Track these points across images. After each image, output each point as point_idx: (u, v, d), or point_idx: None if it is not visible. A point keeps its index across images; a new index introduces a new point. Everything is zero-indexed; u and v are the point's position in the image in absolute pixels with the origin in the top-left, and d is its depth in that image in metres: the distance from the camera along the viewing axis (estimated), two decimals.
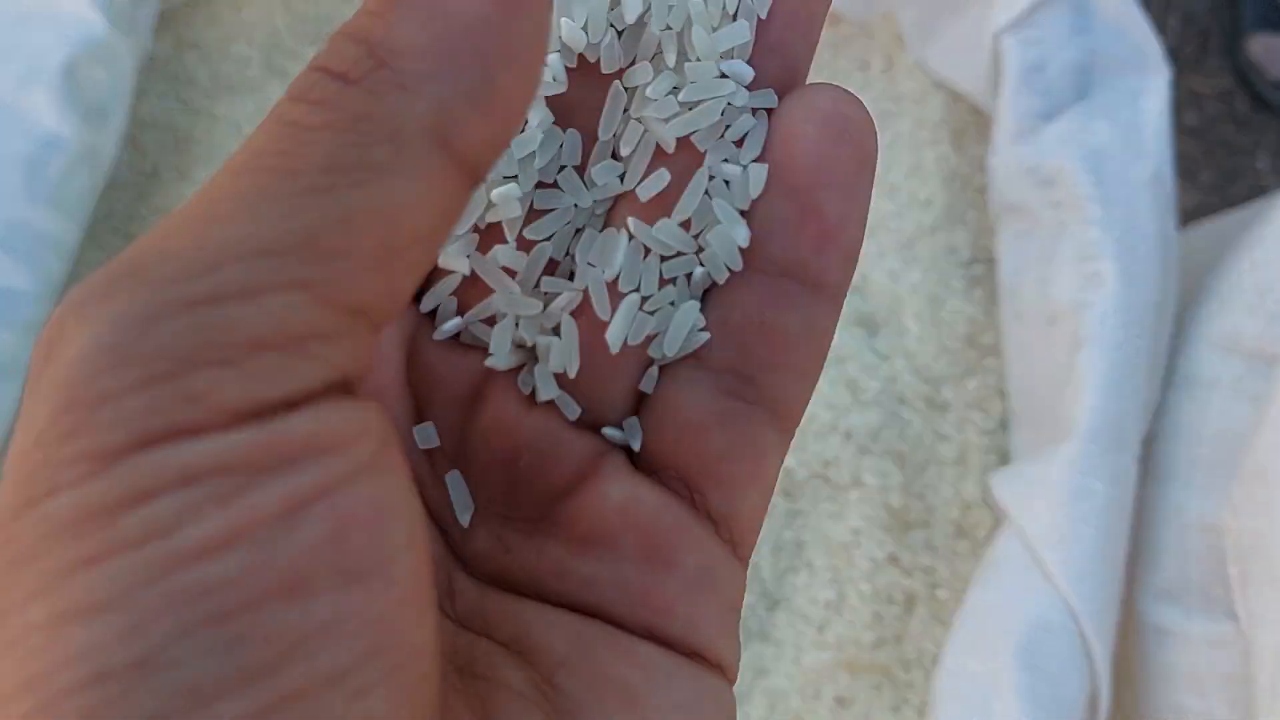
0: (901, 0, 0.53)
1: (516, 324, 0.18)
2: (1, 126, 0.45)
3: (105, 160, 0.49)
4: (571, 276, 0.19)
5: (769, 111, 0.18)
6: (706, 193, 0.18)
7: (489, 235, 0.19)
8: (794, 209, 0.17)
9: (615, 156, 0.19)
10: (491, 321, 0.19)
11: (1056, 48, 0.48)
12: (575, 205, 0.19)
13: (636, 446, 0.18)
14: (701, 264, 0.18)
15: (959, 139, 0.54)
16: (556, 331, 0.18)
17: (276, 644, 0.12)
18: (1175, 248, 0.47)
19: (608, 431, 0.18)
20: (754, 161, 0.18)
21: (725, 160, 0.18)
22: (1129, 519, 0.43)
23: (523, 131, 0.18)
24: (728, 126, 0.18)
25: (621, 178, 0.19)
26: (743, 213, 0.18)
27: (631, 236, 0.18)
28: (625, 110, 0.18)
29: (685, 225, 0.18)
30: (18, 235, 0.45)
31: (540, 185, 0.19)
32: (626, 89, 0.18)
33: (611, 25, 0.18)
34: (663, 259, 0.18)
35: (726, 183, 0.18)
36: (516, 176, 0.18)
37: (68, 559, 0.12)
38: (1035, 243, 0.48)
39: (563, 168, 0.18)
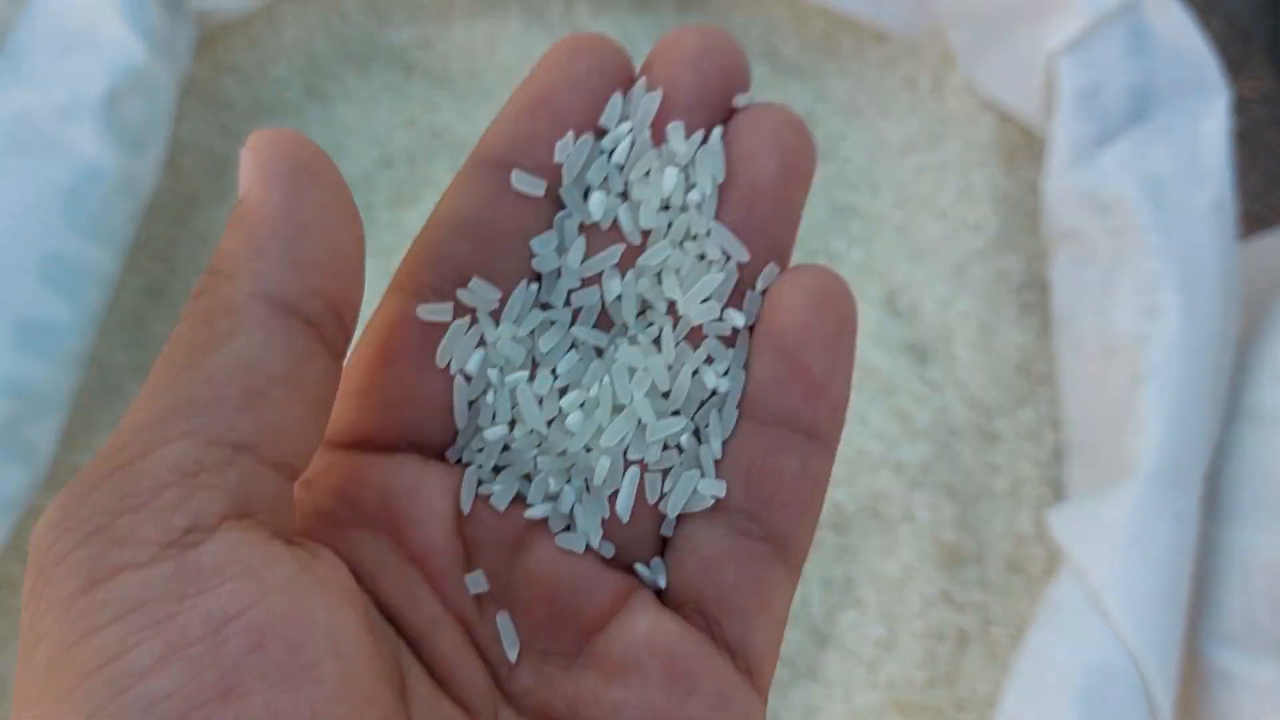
0: (952, 19, 0.51)
1: (549, 480, 0.21)
2: (43, 158, 0.45)
3: (145, 188, 0.48)
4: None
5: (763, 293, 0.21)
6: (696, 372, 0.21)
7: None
8: (784, 368, 0.20)
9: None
10: (529, 476, 0.21)
11: (1112, 70, 0.47)
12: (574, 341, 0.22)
13: (663, 584, 0.21)
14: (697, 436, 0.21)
15: (1009, 161, 0.53)
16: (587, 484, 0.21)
17: None
18: (1236, 276, 0.45)
19: (638, 569, 0.21)
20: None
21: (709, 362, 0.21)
22: (1191, 560, 0.42)
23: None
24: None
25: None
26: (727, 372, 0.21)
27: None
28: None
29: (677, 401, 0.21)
30: (59, 267, 0.45)
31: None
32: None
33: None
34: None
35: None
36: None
37: (52, 693, 0.15)
38: (1092, 271, 0.47)
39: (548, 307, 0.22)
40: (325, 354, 0.18)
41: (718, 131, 0.22)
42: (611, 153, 0.22)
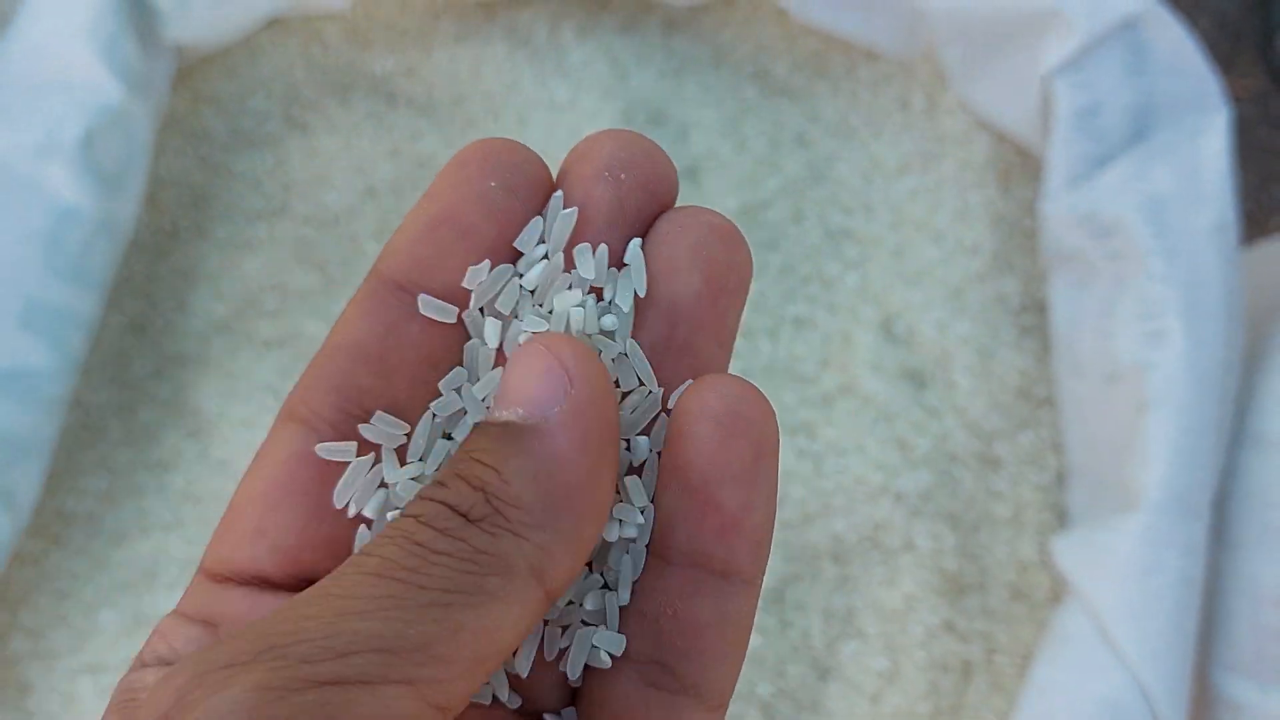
0: (945, 38, 0.51)
1: None
2: (20, 201, 0.44)
3: (124, 227, 0.47)
4: None
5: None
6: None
7: None
8: (693, 504, 0.18)
9: None
10: None
11: (1110, 90, 0.46)
12: None
13: None
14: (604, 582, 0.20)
15: (1005, 181, 0.52)
16: None
17: None
18: (1240, 299, 0.45)
19: (547, 718, 0.20)
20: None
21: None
22: (1200, 590, 0.41)
23: None
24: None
25: None
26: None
27: None
28: None
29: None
30: (38, 312, 0.44)
31: None
32: None
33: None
34: None
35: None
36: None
37: None
38: (1092, 294, 0.46)
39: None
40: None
41: (636, 245, 0.20)
42: (524, 276, 0.20)
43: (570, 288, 0.20)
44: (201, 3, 0.48)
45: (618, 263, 0.20)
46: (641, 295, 0.20)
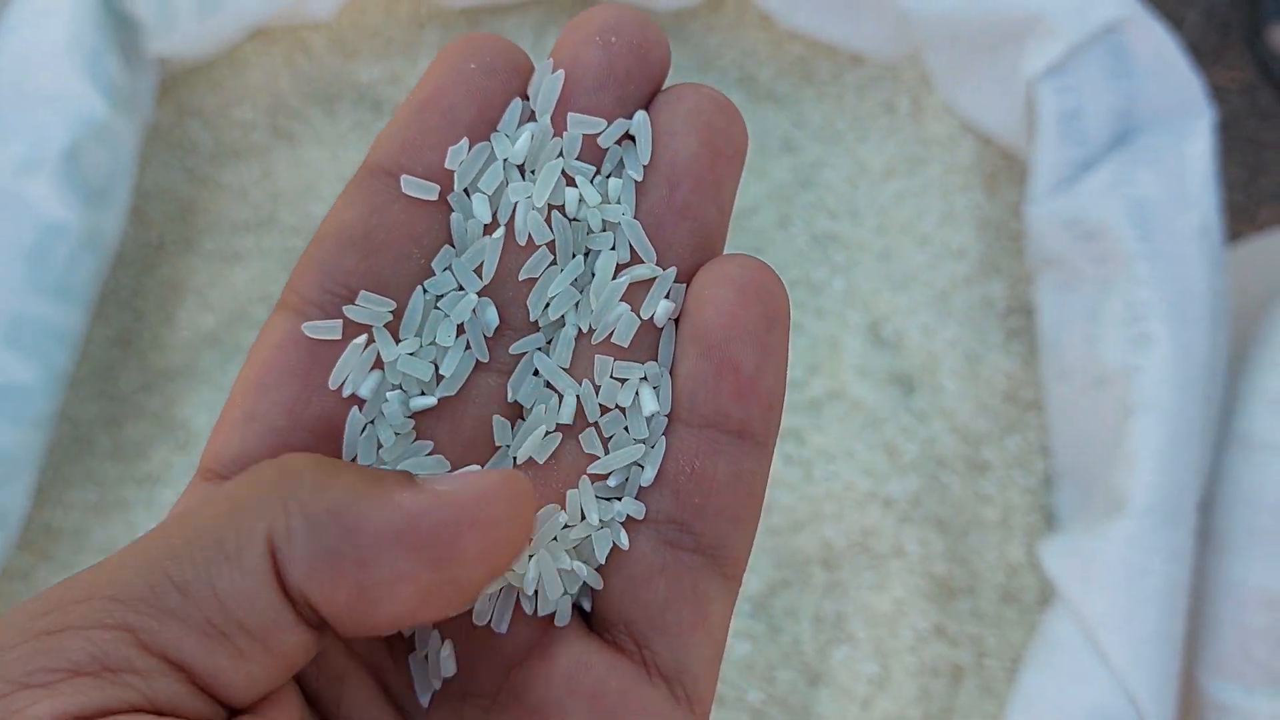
0: (930, 42, 0.51)
1: None
2: (4, 216, 0.44)
3: (109, 241, 0.47)
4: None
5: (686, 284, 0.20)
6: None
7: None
8: (711, 366, 0.19)
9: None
10: None
11: (1093, 94, 0.46)
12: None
13: (588, 608, 0.20)
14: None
15: (991, 184, 0.52)
16: None
17: None
18: (1225, 302, 0.45)
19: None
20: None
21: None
22: (1187, 595, 0.42)
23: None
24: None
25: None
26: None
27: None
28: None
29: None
30: (22, 328, 0.44)
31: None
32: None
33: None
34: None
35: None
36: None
37: None
38: (1078, 298, 0.46)
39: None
40: (308, 629, 0.16)
41: (643, 116, 0.20)
42: (513, 147, 0.20)
43: (560, 155, 0.20)
44: (185, 15, 0.48)
45: (611, 135, 0.20)
46: (645, 161, 0.20)
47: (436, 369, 0.20)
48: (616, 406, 0.20)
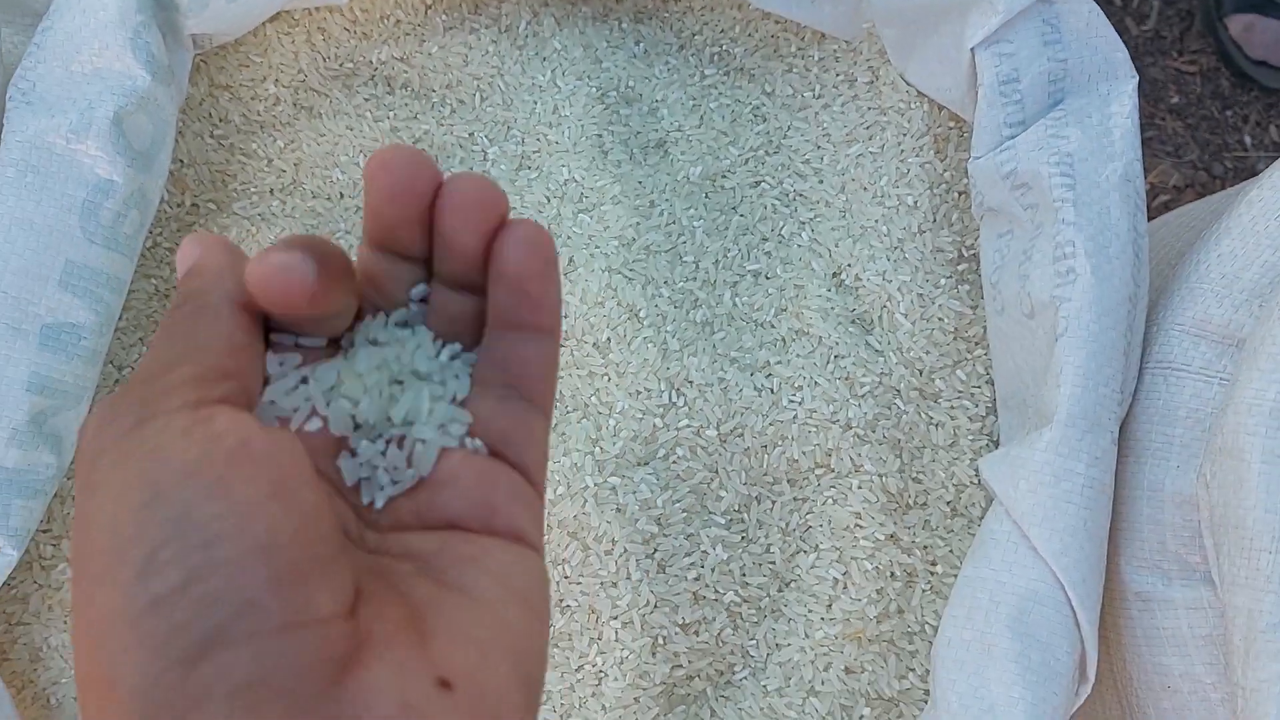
0: (883, 19, 0.56)
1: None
2: (59, 174, 0.49)
3: (152, 199, 0.53)
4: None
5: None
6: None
7: None
8: (513, 294, 0.27)
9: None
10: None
11: (1028, 60, 0.52)
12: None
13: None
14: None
15: (942, 146, 0.58)
16: None
17: None
18: (1147, 240, 0.50)
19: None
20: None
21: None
22: (1110, 495, 0.47)
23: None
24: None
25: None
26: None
27: None
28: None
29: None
30: (77, 274, 0.49)
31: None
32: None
33: None
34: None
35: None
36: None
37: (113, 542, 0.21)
38: (1014, 243, 0.52)
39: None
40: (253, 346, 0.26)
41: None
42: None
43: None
44: None
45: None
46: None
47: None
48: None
